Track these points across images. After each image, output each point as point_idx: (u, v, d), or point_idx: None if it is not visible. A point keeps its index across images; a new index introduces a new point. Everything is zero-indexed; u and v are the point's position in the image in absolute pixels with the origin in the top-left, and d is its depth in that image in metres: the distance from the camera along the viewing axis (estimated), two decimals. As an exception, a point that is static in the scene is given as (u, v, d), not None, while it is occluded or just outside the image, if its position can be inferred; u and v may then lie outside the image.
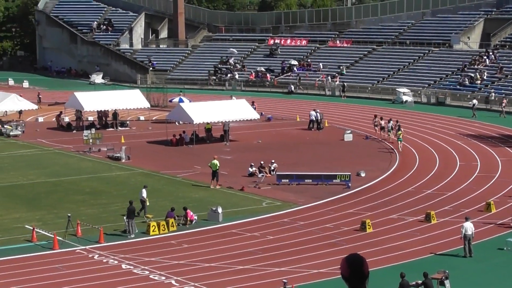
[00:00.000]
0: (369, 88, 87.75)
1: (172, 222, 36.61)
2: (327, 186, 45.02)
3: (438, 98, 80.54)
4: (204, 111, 60.78)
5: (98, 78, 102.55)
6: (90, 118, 70.04)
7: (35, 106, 70.77)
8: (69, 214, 35.43)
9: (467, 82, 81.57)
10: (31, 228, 35.49)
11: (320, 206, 40.96)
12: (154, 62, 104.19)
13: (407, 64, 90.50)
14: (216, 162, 45.40)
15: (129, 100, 68.56)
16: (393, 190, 44.21)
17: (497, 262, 32.22)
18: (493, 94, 77.05)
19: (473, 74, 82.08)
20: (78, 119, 67.91)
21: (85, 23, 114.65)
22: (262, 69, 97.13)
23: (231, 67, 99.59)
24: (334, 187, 44.75)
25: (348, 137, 60.92)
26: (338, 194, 43.32)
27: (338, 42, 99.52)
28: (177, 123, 64.70)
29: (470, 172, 48.61)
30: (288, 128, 67.41)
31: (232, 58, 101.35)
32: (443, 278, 28.16)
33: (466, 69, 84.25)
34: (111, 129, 67.09)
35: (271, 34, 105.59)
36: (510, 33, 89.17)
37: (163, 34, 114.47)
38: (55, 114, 69.92)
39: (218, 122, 61.23)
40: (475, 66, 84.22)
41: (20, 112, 70.27)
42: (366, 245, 33.59)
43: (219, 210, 38.13)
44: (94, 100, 67.43)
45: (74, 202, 42.07)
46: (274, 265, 31.33)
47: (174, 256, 32.67)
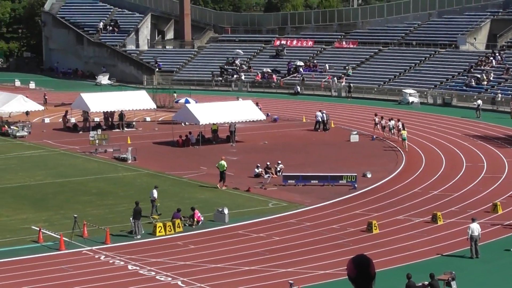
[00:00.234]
0: (375, 89, 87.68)
1: (178, 223, 36.63)
2: (333, 187, 45.00)
3: (444, 99, 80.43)
4: (210, 112, 60.83)
5: (104, 79, 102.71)
6: (96, 119, 70.14)
7: (42, 107, 70.90)
8: (75, 215, 35.47)
9: (474, 83, 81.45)
10: (38, 229, 35.55)
11: (326, 207, 40.93)
12: (160, 63, 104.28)
13: (413, 65, 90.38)
14: (223, 163, 45.43)
15: (135, 101, 68.65)
16: (399, 191, 44.16)
17: (503, 263, 32.15)
18: (499, 95, 76.94)
19: (479, 75, 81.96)
20: (85, 120, 67.98)
21: (91, 24, 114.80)
22: (268, 70, 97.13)
23: (237, 68, 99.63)
24: (340, 188, 44.72)
25: (354, 138, 60.89)
26: (344, 195, 43.30)
27: (344, 43, 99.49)
28: (183, 124, 64.76)
29: (476, 173, 48.53)
30: (294, 129, 67.39)
31: (238, 59, 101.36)
32: (450, 279, 28.12)
33: (472, 70, 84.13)
34: (117, 130, 67.19)
35: (277, 35, 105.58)
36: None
37: (169, 35, 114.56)
38: (62, 115, 70.04)
39: (224, 123, 61.26)
40: (482, 67, 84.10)
41: (27, 113, 70.40)
42: (372, 246, 33.55)
43: (225, 211, 38.15)
44: (100, 101, 67.53)
45: (81, 202, 42.13)
46: (280, 266, 31.31)
47: (180, 257, 32.68)
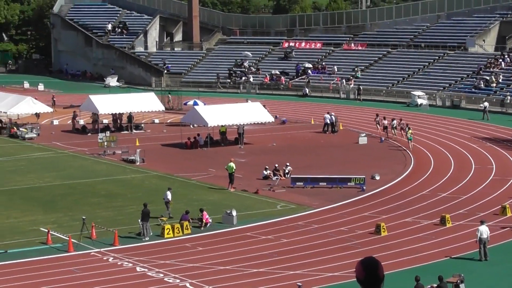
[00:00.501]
0: (384, 91, 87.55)
1: (186, 225, 36.65)
2: (342, 189, 44.97)
3: (453, 101, 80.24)
4: (218, 114, 60.87)
5: (113, 81, 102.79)
6: (105, 121, 70.24)
7: (50, 109, 70.98)
8: (84, 217, 35.53)
9: (483, 85, 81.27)
10: (46, 230, 35.62)
11: (334, 209, 40.91)
12: (169, 65, 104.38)
13: (422, 67, 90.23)
14: (232, 165, 45.46)
15: (143, 103, 68.73)
16: (408, 193, 44.10)
17: (512, 266, 32.09)
18: (508, 97, 76.73)
19: (488, 77, 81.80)
20: (94, 122, 68.05)
21: (100, 26, 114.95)
22: (276, 72, 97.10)
23: (246, 70, 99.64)
24: (348, 190, 44.69)
25: (362, 140, 60.81)
26: (352, 197, 43.28)
27: (352, 45, 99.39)
28: (191, 126, 64.80)
29: (485, 175, 48.41)
30: (302, 131, 67.34)
31: (246, 61, 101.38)
32: (458, 281, 28.07)
33: (481, 72, 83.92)
34: (126, 132, 67.26)
35: (286, 37, 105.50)
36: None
37: (178, 37, 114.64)
38: (71, 116, 70.17)
39: (232, 125, 61.29)
40: (491, 69, 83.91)
41: (37, 115, 70.52)
42: (381, 248, 33.52)
43: (234, 213, 38.16)
44: (109, 103, 67.61)
45: (89, 204, 42.21)
46: (288, 268, 31.30)
47: (188, 258, 32.71)
